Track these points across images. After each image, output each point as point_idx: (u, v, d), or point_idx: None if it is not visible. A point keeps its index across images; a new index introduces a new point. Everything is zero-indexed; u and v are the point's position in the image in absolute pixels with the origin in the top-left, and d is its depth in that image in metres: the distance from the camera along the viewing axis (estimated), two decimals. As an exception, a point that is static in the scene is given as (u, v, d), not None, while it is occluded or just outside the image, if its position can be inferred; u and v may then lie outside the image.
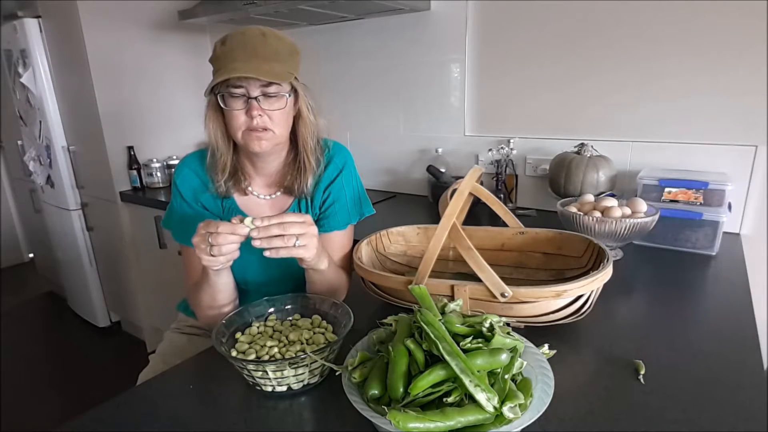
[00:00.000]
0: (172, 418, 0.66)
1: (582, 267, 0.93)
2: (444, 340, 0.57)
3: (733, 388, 0.66)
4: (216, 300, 0.88)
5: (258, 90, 0.85)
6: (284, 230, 0.75)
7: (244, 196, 0.99)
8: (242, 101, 0.85)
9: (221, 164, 0.94)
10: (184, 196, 0.97)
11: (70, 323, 2.75)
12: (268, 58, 0.83)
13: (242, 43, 0.83)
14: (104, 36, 2.08)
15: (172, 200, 0.99)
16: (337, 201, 1.00)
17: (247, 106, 0.85)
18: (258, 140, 0.87)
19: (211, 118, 0.91)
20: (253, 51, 0.83)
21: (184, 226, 0.95)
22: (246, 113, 0.85)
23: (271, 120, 0.87)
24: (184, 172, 0.97)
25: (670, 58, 1.35)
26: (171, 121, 2.39)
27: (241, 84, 0.84)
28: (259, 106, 0.85)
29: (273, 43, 0.85)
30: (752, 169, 1.30)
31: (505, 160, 1.61)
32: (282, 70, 0.85)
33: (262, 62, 0.82)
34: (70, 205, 2.39)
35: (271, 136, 0.88)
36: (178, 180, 0.97)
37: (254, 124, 0.85)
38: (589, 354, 0.77)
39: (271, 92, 0.85)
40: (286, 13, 1.74)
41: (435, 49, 1.78)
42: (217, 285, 0.85)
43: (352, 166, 1.03)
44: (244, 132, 0.87)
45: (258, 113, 0.85)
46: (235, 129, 0.87)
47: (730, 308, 0.92)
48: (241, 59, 0.82)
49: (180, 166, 0.99)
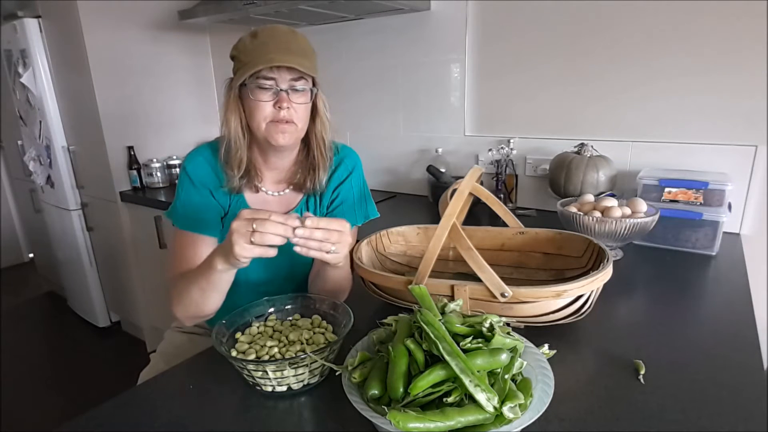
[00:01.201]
0: (172, 418, 0.66)
1: (582, 267, 0.93)
2: (444, 340, 0.57)
3: (733, 388, 0.66)
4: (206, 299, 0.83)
5: (287, 83, 0.87)
6: (327, 236, 0.73)
7: (254, 194, 0.98)
8: (270, 93, 0.87)
9: (237, 159, 0.93)
10: (194, 182, 0.94)
11: (70, 323, 2.75)
12: (298, 54, 0.86)
13: (275, 37, 0.86)
14: (104, 36, 2.08)
15: (178, 187, 0.96)
16: (344, 202, 1.01)
17: (276, 98, 0.87)
18: (282, 133, 0.88)
19: (232, 110, 0.91)
20: (286, 45, 0.86)
21: (188, 212, 0.93)
22: (274, 105, 0.87)
23: (296, 113, 0.89)
24: (198, 160, 0.95)
25: (670, 58, 1.35)
26: (171, 121, 2.40)
27: (272, 76, 0.86)
28: (288, 98, 0.87)
29: (301, 40, 0.89)
30: (752, 169, 1.30)
31: (505, 160, 1.61)
32: (310, 65, 0.88)
33: (295, 56, 0.85)
34: (70, 205, 2.39)
35: (294, 129, 0.89)
36: (189, 166, 0.95)
37: (281, 115, 0.87)
38: (589, 354, 0.77)
39: (298, 86, 0.88)
40: (286, 13, 1.74)
41: (435, 49, 1.78)
42: (218, 285, 0.80)
43: (360, 169, 1.05)
44: (268, 124, 0.88)
45: (287, 105, 0.87)
46: (260, 120, 0.88)
47: (730, 308, 0.92)
48: (276, 51, 0.84)
49: (193, 153, 0.97)
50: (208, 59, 2.54)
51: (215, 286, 0.81)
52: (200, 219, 0.93)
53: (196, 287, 0.82)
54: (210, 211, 0.94)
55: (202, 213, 0.93)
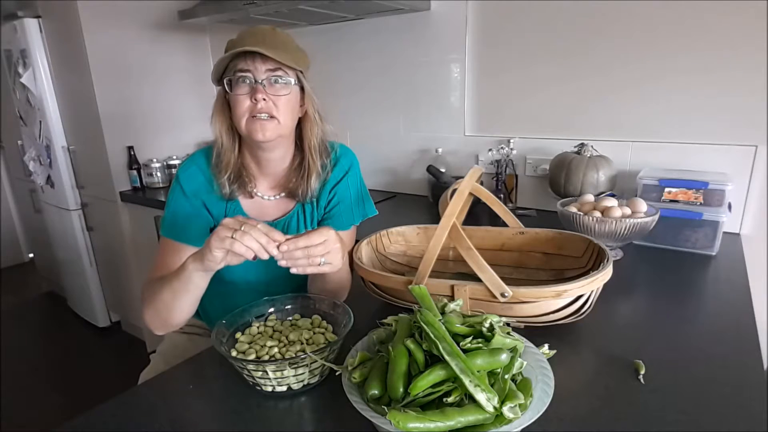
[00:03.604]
0: (172, 418, 0.66)
1: (582, 267, 0.93)
2: (444, 340, 0.57)
3: (733, 388, 0.66)
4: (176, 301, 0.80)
5: (264, 74, 0.86)
6: (308, 254, 0.73)
7: (249, 199, 0.98)
8: (247, 86, 0.87)
9: (224, 162, 0.93)
10: (185, 191, 0.95)
11: (70, 323, 2.75)
12: (276, 46, 0.86)
13: (252, 33, 0.88)
14: (104, 36, 2.08)
15: (170, 196, 0.97)
16: (341, 202, 1.01)
17: (252, 90, 0.86)
18: (262, 128, 0.87)
19: (217, 111, 0.91)
20: (261, 38, 0.86)
21: (175, 221, 0.94)
22: (251, 98, 0.86)
23: (276, 107, 0.88)
24: (191, 170, 0.96)
25: (670, 58, 1.35)
26: (171, 121, 2.39)
27: (247, 67, 0.86)
28: (264, 90, 0.86)
29: (281, 36, 0.89)
30: (752, 169, 1.30)
31: (505, 160, 1.61)
32: (288, 58, 0.87)
33: (268, 47, 0.85)
34: (70, 205, 2.39)
35: (275, 125, 0.88)
36: (183, 175, 0.96)
37: (258, 107, 0.86)
38: (589, 354, 0.77)
39: (277, 78, 0.87)
40: (286, 13, 1.74)
41: (435, 49, 1.78)
42: (189, 286, 0.78)
43: (357, 169, 1.05)
44: (248, 119, 0.88)
45: (263, 96, 0.86)
46: (240, 116, 0.88)
47: (730, 308, 0.92)
48: (250, 43, 0.85)
49: (187, 162, 0.97)
50: (208, 59, 2.54)
51: (186, 287, 0.78)
52: (186, 228, 0.93)
53: (168, 288, 0.80)
54: (198, 222, 0.94)
55: (190, 223, 0.94)
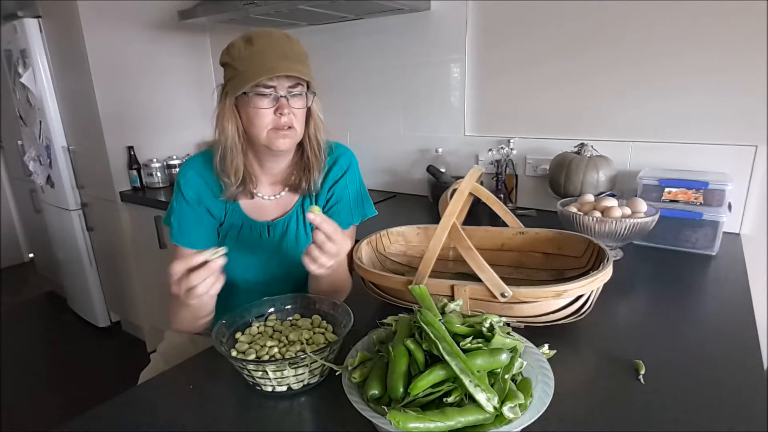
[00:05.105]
0: (172, 418, 0.66)
1: (582, 267, 0.93)
2: (444, 340, 0.57)
3: (733, 388, 0.66)
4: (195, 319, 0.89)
5: (285, 89, 0.88)
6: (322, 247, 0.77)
7: (249, 200, 0.99)
8: (269, 100, 0.87)
9: (234, 166, 0.93)
10: (186, 197, 0.96)
11: (70, 323, 2.75)
12: (295, 60, 0.87)
13: (272, 44, 0.86)
14: (104, 36, 2.08)
15: (173, 200, 0.99)
16: (340, 201, 1.01)
17: (276, 104, 0.87)
18: (283, 138, 0.89)
19: (228, 118, 0.91)
20: (281, 52, 0.86)
21: (182, 227, 0.96)
22: (275, 112, 0.88)
23: (295, 118, 0.90)
24: (189, 175, 0.97)
25: (669, 58, 1.35)
26: (171, 121, 2.39)
27: (272, 84, 0.86)
28: (288, 104, 0.88)
29: (296, 46, 0.89)
30: (752, 169, 1.30)
31: (505, 160, 1.61)
32: (306, 70, 0.88)
33: (293, 63, 0.86)
34: (70, 205, 2.39)
35: (294, 134, 0.91)
36: (182, 181, 0.97)
37: (282, 122, 0.88)
38: (589, 354, 0.77)
39: (296, 92, 0.89)
40: (286, 13, 1.74)
41: (435, 49, 1.78)
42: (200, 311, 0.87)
43: (356, 167, 1.05)
44: (270, 131, 0.89)
45: (288, 111, 0.88)
46: (261, 128, 0.88)
47: (730, 308, 0.92)
48: (276, 60, 0.85)
49: (184, 168, 0.98)
50: (208, 59, 2.54)
51: (199, 311, 0.87)
52: (194, 235, 0.96)
53: (185, 309, 0.87)
54: (203, 227, 0.97)
55: (196, 229, 0.96)
